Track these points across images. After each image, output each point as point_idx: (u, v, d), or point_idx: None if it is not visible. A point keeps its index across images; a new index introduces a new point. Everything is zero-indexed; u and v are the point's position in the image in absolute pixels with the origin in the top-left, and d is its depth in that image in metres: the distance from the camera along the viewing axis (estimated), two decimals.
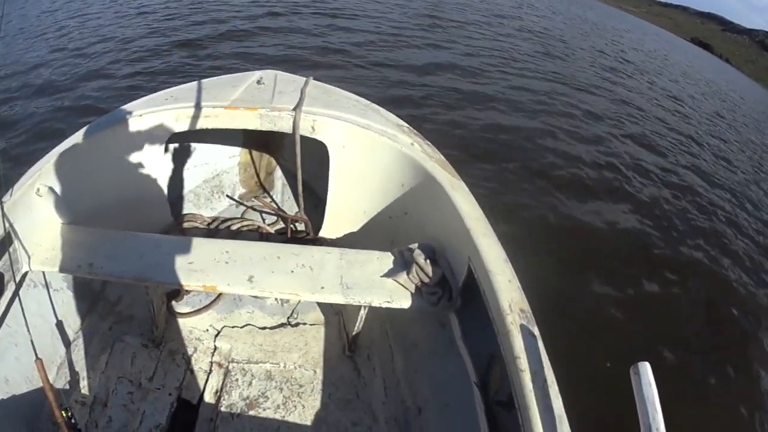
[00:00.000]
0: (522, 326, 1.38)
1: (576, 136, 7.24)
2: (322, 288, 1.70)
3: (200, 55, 7.61)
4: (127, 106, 2.10)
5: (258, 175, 2.91)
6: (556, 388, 1.24)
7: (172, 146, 2.41)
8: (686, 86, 14.79)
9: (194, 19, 9.79)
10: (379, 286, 1.75)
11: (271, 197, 2.90)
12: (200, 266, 1.70)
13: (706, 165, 8.23)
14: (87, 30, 9.03)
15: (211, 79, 2.44)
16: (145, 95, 2.26)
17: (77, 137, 1.91)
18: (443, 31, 12.65)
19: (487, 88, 8.47)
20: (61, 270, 1.64)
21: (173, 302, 2.13)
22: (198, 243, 1.83)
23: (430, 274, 1.74)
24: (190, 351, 2.00)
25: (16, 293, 1.54)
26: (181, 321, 2.10)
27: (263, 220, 2.69)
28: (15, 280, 1.55)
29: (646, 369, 0.88)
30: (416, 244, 1.85)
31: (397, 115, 2.42)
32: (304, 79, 2.42)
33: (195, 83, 2.36)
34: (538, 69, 10.94)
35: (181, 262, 1.70)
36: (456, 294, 1.76)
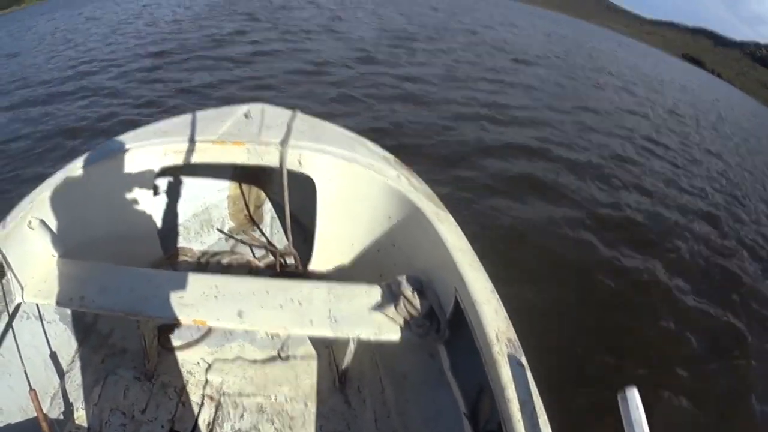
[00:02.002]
0: (509, 356, 1.39)
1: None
2: (311, 322, 1.71)
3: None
4: (116, 140, 2.13)
5: (247, 209, 2.93)
6: (545, 417, 1.25)
7: (161, 180, 2.43)
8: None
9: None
10: (368, 319, 1.76)
11: (260, 230, 2.91)
12: (190, 300, 1.71)
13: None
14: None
15: (199, 112, 2.47)
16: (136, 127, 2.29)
17: (67, 170, 1.93)
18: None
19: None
20: (52, 303, 1.65)
21: (165, 336, 2.13)
22: (188, 277, 1.84)
23: (418, 306, 1.75)
24: (181, 384, 2.00)
25: (9, 324, 1.55)
26: (172, 354, 2.10)
27: (253, 253, 2.70)
28: (8, 312, 1.57)
29: (633, 394, 0.89)
30: (404, 277, 1.86)
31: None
32: (291, 112, 2.45)
33: (184, 117, 2.39)
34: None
35: (171, 296, 1.71)
36: (444, 325, 1.77)
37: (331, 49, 11.72)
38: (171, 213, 2.62)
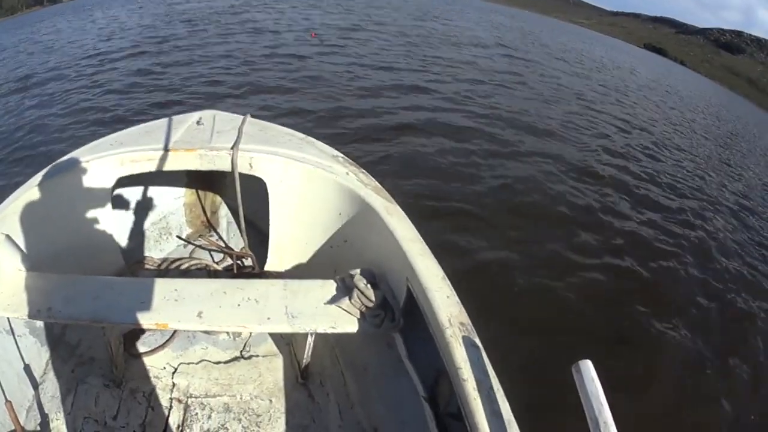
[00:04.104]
0: (463, 338, 1.44)
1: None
2: (269, 319, 1.75)
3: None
4: (73, 153, 2.15)
5: (204, 214, 2.96)
6: (503, 393, 1.30)
7: (119, 191, 2.44)
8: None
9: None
10: (323, 312, 1.81)
11: (218, 235, 2.94)
12: (151, 305, 1.74)
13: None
14: None
15: (154, 122, 2.51)
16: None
17: (29, 186, 1.97)
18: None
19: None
20: (21, 315, 1.67)
21: (131, 342, 2.15)
22: (148, 283, 1.87)
23: (372, 297, 1.80)
24: (150, 389, 2.02)
25: None
26: (139, 360, 2.12)
27: (212, 257, 2.72)
28: None
29: (587, 366, 0.91)
30: (357, 270, 1.91)
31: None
32: (242, 117, 2.49)
33: (138, 127, 2.43)
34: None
35: (133, 302, 1.74)
36: (398, 314, 1.83)
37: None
38: (130, 223, 2.63)
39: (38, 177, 2.01)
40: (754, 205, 8.88)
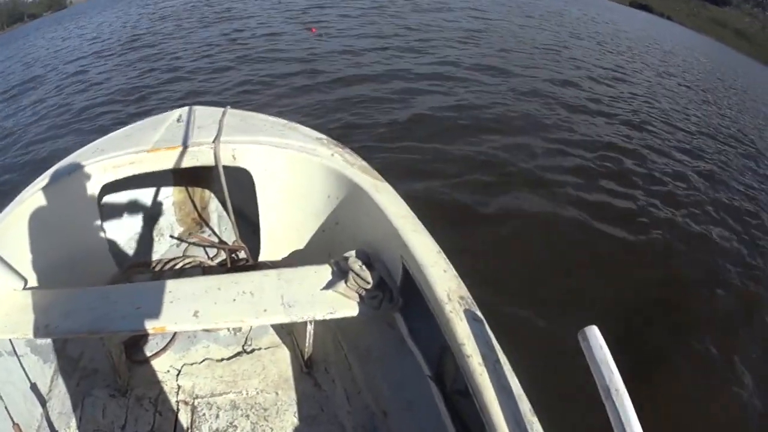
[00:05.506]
0: (465, 312, 1.41)
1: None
2: (265, 311, 1.72)
3: None
4: (55, 167, 2.12)
5: (195, 210, 2.93)
6: (509, 367, 1.27)
7: (105, 198, 2.41)
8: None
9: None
10: (320, 299, 1.78)
11: (210, 230, 2.91)
12: (147, 310, 1.71)
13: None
14: None
15: (133, 124, 2.48)
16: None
17: (15, 204, 1.95)
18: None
19: None
20: (21, 335, 1.65)
21: (132, 350, 2.13)
22: (142, 288, 1.86)
23: (368, 279, 1.77)
24: (155, 394, 2.01)
25: None
26: (142, 366, 2.11)
27: (206, 253, 2.70)
28: None
29: (594, 332, 0.89)
30: (352, 252, 1.88)
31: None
32: (222, 109, 2.45)
33: (119, 131, 2.40)
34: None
35: (128, 309, 1.71)
36: (396, 293, 1.79)
37: None
38: (121, 228, 2.61)
39: (23, 195, 1.99)
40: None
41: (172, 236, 2.82)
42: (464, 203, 4.67)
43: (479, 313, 1.42)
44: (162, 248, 2.76)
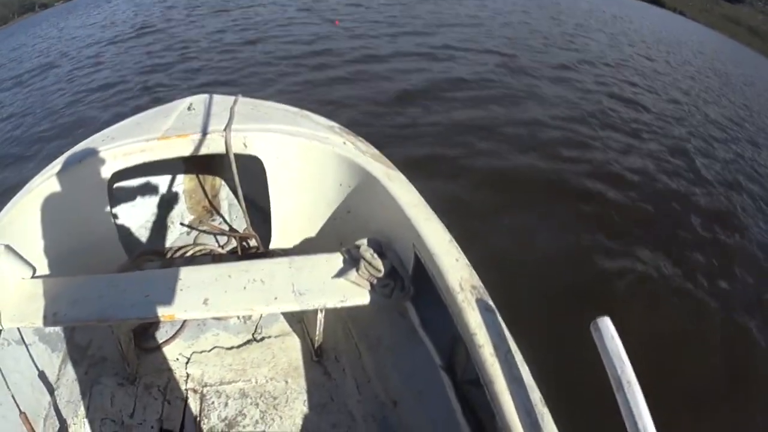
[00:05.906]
0: (477, 302, 1.40)
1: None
2: (276, 299, 1.71)
3: None
4: (67, 154, 2.12)
5: (206, 198, 2.92)
6: (521, 357, 1.25)
7: (116, 186, 2.41)
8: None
9: None
10: (332, 287, 1.77)
11: (221, 217, 2.91)
12: (156, 297, 1.71)
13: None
14: None
15: (145, 112, 2.48)
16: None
17: (25, 192, 1.95)
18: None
19: None
20: (29, 324, 1.65)
21: (141, 337, 2.13)
22: (152, 275, 1.85)
23: (380, 267, 1.76)
24: (164, 382, 2.01)
25: None
26: (151, 354, 2.10)
27: (217, 241, 2.69)
28: None
29: (606, 323, 0.87)
30: (363, 240, 1.87)
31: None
32: (233, 98, 2.44)
33: (129, 120, 2.39)
34: None
35: (137, 296, 1.71)
36: (407, 282, 1.78)
37: None
38: (131, 216, 2.60)
39: (32, 183, 1.99)
40: None
41: (182, 224, 2.81)
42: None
43: (491, 303, 1.41)
44: (172, 236, 2.76)
